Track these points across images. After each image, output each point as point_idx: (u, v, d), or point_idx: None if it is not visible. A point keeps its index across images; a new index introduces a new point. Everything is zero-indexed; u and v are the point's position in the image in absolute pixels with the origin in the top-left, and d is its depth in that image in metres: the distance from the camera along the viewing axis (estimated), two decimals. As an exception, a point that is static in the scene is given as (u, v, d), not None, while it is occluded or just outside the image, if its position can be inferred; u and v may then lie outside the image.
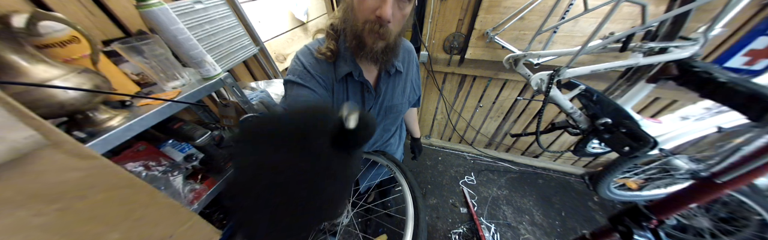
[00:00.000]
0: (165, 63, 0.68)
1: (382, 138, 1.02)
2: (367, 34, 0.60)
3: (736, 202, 1.17)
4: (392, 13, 0.56)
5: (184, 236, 0.49)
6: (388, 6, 0.56)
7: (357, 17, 0.59)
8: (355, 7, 0.58)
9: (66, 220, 0.33)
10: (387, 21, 0.57)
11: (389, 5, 0.56)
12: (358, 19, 0.59)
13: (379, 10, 0.56)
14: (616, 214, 0.67)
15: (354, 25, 0.60)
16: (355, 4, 0.58)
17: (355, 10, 0.59)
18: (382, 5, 0.56)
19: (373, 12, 0.57)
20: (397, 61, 0.76)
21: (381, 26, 0.58)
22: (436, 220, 1.85)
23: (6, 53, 0.44)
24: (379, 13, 0.56)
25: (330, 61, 0.69)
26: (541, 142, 0.91)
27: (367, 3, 0.56)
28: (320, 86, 0.70)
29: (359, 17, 0.59)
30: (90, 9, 0.69)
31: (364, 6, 0.57)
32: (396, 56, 0.70)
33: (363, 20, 0.59)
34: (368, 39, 0.61)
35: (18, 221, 0.29)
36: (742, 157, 0.53)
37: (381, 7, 0.56)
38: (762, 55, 1.17)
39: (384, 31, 0.59)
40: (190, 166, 0.85)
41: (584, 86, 0.80)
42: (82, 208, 0.35)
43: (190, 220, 0.51)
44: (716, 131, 0.97)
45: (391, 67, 0.75)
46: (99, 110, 0.55)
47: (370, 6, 0.57)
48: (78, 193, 0.34)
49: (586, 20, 1.35)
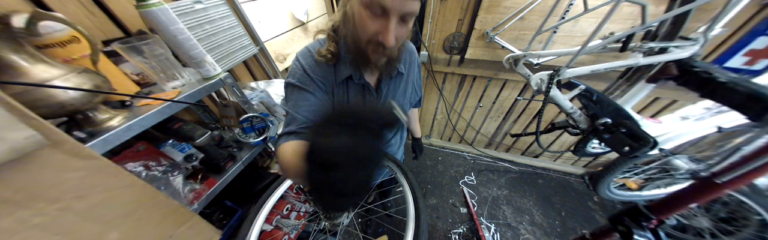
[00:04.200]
0: (165, 63, 0.68)
1: None
2: (371, 52, 0.59)
3: (736, 202, 1.17)
4: (395, 37, 0.54)
5: (184, 236, 0.49)
6: (390, 33, 0.53)
7: (359, 36, 0.57)
8: (356, 25, 0.56)
9: (66, 220, 0.33)
10: (390, 46, 0.55)
11: (391, 33, 0.53)
12: (360, 39, 0.57)
13: (381, 36, 0.54)
14: (616, 214, 0.67)
15: (356, 41, 0.58)
16: (357, 23, 0.55)
17: (357, 28, 0.56)
18: (383, 31, 0.53)
19: (376, 35, 0.55)
20: (399, 63, 0.76)
21: (384, 48, 0.57)
22: (436, 220, 1.85)
23: (6, 53, 0.44)
24: (382, 38, 0.54)
25: (330, 64, 0.69)
26: (541, 142, 0.91)
27: (368, 26, 0.54)
28: (320, 90, 0.69)
29: (361, 36, 0.57)
30: (90, 9, 0.69)
31: (366, 28, 0.54)
32: (399, 62, 0.69)
33: (366, 40, 0.57)
34: (372, 56, 0.60)
35: (18, 221, 0.29)
36: (742, 157, 0.53)
37: (383, 33, 0.54)
38: (762, 55, 1.17)
39: (388, 51, 0.58)
40: (190, 166, 0.85)
41: (584, 86, 0.80)
42: (82, 208, 0.35)
43: (190, 220, 0.51)
44: (716, 131, 0.97)
45: (393, 70, 0.75)
46: (99, 110, 0.55)
47: (372, 29, 0.54)
48: (78, 193, 0.34)
49: (586, 20, 1.35)
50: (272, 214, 1.12)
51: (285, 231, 1.12)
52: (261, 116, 0.94)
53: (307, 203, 1.29)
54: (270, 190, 0.83)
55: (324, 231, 0.99)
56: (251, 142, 0.93)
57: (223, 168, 0.86)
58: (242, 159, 0.92)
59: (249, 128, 0.93)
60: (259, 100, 1.10)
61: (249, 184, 1.11)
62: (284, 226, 1.13)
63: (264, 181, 1.12)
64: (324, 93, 0.69)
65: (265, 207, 0.78)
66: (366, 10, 0.52)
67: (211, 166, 0.85)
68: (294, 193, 1.22)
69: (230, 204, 1.05)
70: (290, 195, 1.23)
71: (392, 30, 0.53)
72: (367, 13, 0.52)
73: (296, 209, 1.25)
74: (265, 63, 1.30)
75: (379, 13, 0.51)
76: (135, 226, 0.41)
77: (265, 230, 1.06)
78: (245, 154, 0.95)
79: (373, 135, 0.37)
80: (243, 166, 0.92)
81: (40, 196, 0.31)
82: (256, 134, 0.94)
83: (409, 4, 0.50)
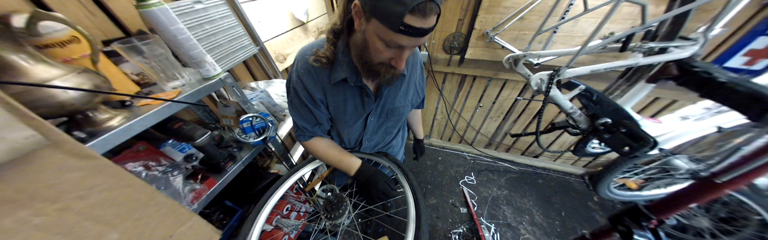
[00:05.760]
0: (165, 63, 0.67)
1: (384, 140, 1.02)
2: (382, 71, 0.62)
3: (736, 202, 1.17)
4: (405, 61, 0.59)
5: (184, 236, 0.49)
6: (403, 62, 0.59)
7: (372, 59, 0.60)
8: (370, 50, 0.59)
9: (66, 220, 0.33)
10: (401, 70, 0.61)
11: (404, 61, 0.59)
12: (373, 61, 0.60)
13: (394, 62, 0.59)
14: (616, 214, 0.67)
15: (368, 61, 0.61)
16: (371, 49, 0.58)
17: (371, 53, 0.59)
18: (397, 59, 0.58)
19: (389, 60, 0.59)
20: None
21: (395, 69, 0.61)
22: (436, 220, 1.86)
23: (6, 53, 0.44)
24: (394, 64, 0.59)
25: (326, 67, 0.69)
26: (541, 142, 0.91)
27: (382, 53, 0.57)
28: (312, 100, 0.75)
29: (374, 60, 0.60)
30: (90, 9, 0.69)
31: (379, 54, 0.58)
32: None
33: (378, 62, 0.60)
34: (382, 72, 0.63)
35: (19, 221, 0.29)
36: (742, 157, 0.53)
37: (395, 60, 0.58)
38: (762, 55, 1.17)
39: (397, 70, 0.62)
40: (190, 166, 0.85)
41: (584, 86, 0.80)
42: (82, 208, 0.35)
43: (190, 220, 0.51)
44: (716, 131, 0.97)
45: (396, 80, 0.76)
46: (99, 110, 0.55)
47: (386, 56, 0.58)
48: (78, 193, 0.34)
49: (586, 20, 1.35)
50: (272, 214, 1.12)
51: (285, 231, 1.12)
52: (261, 116, 0.94)
53: (307, 203, 1.29)
54: (271, 190, 0.84)
55: (324, 231, 0.99)
56: (251, 142, 0.93)
57: (223, 168, 0.86)
58: (242, 159, 0.92)
59: (249, 128, 0.93)
60: (259, 100, 1.10)
61: (249, 184, 1.11)
62: (284, 226, 1.13)
63: (264, 181, 1.12)
64: (317, 102, 0.76)
65: (265, 207, 0.78)
66: (381, 41, 0.54)
67: (211, 166, 0.85)
68: (294, 193, 1.22)
69: (230, 204, 1.05)
70: (290, 195, 1.23)
71: (405, 58, 0.59)
72: (382, 43, 0.55)
73: (296, 209, 1.25)
74: (265, 63, 1.30)
75: (394, 46, 0.55)
76: (135, 226, 0.41)
77: (265, 230, 1.06)
78: (245, 154, 0.95)
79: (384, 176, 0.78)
80: (243, 166, 0.92)
81: (40, 196, 0.31)
82: (256, 134, 0.94)
83: (422, 40, 0.54)
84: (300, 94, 0.74)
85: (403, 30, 0.48)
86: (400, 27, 0.47)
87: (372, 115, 0.83)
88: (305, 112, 0.78)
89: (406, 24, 0.47)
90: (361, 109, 0.79)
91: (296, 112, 0.80)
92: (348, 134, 0.91)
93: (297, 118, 0.81)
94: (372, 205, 0.82)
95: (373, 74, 0.64)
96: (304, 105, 0.76)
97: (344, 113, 0.79)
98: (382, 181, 0.77)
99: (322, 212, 0.78)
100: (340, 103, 0.76)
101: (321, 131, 0.85)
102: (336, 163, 0.83)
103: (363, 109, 0.79)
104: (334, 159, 0.83)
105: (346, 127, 0.86)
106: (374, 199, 0.76)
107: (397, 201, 0.77)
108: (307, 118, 0.80)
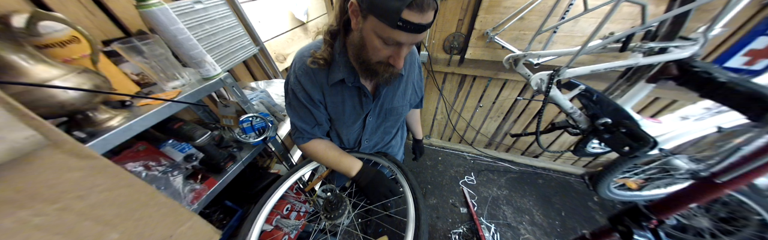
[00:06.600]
0: (165, 63, 0.68)
1: (383, 140, 1.02)
2: (381, 70, 0.62)
3: (736, 202, 1.17)
4: (403, 58, 0.59)
5: (184, 236, 0.49)
6: (402, 59, 0.59)
7: (370, 57, 0.60)
8: (368, 48, 0.59)
9: (66, 220, 0.33)
10: (399, 68, 0.61)
11: (402, 59, 0.59)
12: (371, 60, 0.61)
13: (392, 60, 0.59)
14: (616, 214, 0.67)
15: (366, 61, 0.62)
16: (368, 47, 0.58)
17: (368, 51, 0.59)
18: (395, 56, 0.58)
19: (387, 58, 0.60)
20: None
21: (394, 67, 0.61)
22: (436, 220, 1.86)
23: (6, 53, 0.44)
24: (392, 62, 0.59)
25: (323, 68, 0.69)
26: (541, 142, 0.91)
27: (380, 51, 0.57)
28: (311, 101, 0.75)
29: (372, 58, 0.60)
30: (90, 9, 0.69)
31: (378, 53, 0.58)
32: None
33: (376, 61, 0.60)
34: (380, 71, 0.63)
35: (19, 221, 0.29)
36: (742, 157, 0.53)
37: (394, 58, 0.58)
38: (762, 55, 1.17)
39: (396, 69, 0.62)
40: (190, 166, 0.85)
41: (584, 86, 0.80)
42: (82, 208, 0.35)
43: (190, 220, 0.51)
44: (716, 131, 0.97)
45: (394, 79, 0.76)
46: (99, 110, 0.55)
47: (384, 54, 0.58)
48: (78, 193, 0.34)
49: (586, 20, 1.35)
50: (272, 214, 1.12)
51: (285, 231, 1.12)
52: (261, 116, 0.94)
53: (306, 203, 1.29)
54: (270, 190, 0.83)
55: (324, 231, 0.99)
56: (251, 142, 0.93)
57: (223, 168, 0.86)
58: (242, 159, 0.92)
59: (249, 128, 0.93)
60: (259, 100, 1.10)
61: (249, 184, 1.11)
62: (284, 226, 1.13)
63: (264, 181, 1.12)
64: (315, 103, 0.76)
65: (265, 207, 0.78)
66: (379, 39, 0.54)
67: (211, 166, 0.85)
68: (294, 193, 1.22)
69: (230, 204, 1.05)
70: (290, 195, 1.23)
71: (403, 56, 0.59)
72: (380, 41, 0.54)
73: (296, 209, 1.25)
74: (265, 63, 1.30)
75: (392, 43, 0.54)
76: (135, 226, 0.41)
77: (265, 230, 1.06)
78: (245, 154, 0.95)
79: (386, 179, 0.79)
80: (243, 166, 0.92)
81: (40, 196, 0.31)
82: (256, 134, 0.94)
83: (420, 37, 0.53)
84: (299, 95, 0.74)
85: (401, 26, 0.47)
86: (398, 23, 0.47)
87: (370, 115, 0.83)
88: (304, 113, 0.78)
89: (404, 19, 0.47)
90: (359, 110, 0.79)
91: (295, 114, 0.80)
92: (347, 134, 0.91)
93: (296, 119, 0.81)
94: (373, 205, 0.82)
95: (371, 74, 0.64)
96: (303, 106, 0.76)
97: (343, 113, 0.79)
98: (387, 180, 0.78)
99: (321, 212, 0.78)
100: (338, 104, 0.76)
101: (320, 132, 0.85)
102: (336, 164, 0.82)
103: (361, 110, 0.79)
104: (333, 160, 0.83)
105: (344, 128, 0.86)
106: (379, 197, 0.76)
107: (397, 201, 0.77)
108: (307, 119, 0.80)
